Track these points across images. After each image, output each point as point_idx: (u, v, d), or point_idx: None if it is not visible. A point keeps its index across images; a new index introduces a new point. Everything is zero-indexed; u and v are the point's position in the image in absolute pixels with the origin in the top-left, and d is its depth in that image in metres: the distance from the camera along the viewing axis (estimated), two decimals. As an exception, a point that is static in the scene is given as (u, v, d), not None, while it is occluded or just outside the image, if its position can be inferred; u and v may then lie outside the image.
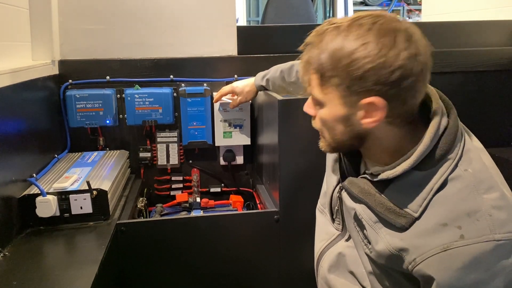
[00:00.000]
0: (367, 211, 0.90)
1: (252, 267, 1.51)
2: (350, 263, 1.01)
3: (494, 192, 0.80)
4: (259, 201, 1.72)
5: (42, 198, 1.28)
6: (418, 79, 0.78)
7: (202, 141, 1.84)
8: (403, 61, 0.76)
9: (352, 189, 0.93)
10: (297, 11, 3.61)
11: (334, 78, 0.81)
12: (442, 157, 0.82)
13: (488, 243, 0.76)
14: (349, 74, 0.78)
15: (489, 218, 0.77)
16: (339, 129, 0.87)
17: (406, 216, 0.82)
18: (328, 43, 0.81)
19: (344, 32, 0.79)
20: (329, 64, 0.80)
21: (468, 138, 0.87)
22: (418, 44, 0.78)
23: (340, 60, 0.79)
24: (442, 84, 0.99)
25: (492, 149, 1.97)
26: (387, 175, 0.84)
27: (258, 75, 1.62)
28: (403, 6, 8.09)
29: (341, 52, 0.79)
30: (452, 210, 0.79)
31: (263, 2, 6.33)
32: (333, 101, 0.84)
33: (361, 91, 0.79)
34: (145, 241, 1.41)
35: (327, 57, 0.80)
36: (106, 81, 1.77)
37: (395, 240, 0.84)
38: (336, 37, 0.80)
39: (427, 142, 0.81)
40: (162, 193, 1.92)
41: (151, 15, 1.79)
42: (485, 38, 2.16)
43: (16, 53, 1.52)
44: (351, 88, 0.80)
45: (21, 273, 1.07)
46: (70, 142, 1.77)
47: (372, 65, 0.76)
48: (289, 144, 1.40)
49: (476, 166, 0.82)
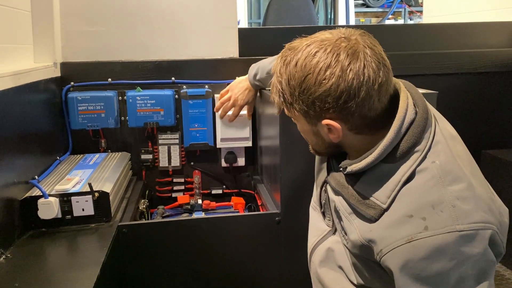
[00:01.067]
0: (343, 203, 0.94)
1: (254, 269, 1.52)
2: (338, 258, 1.03)
3: (460, 183, 0.81)
4: (261, 203, 1.72)
5: (44, 200, 1.29)
6: (369, 95, 0.80)
7: (204, 143, 1.84)
8: (345, 87, 0.79)
9: (331, 182, 0.98)
10: (298, 13, 3.61)
11: (294, 104, 0.87)
12: (410, 150, 0.84)
13: (451, 234, 0.77)
14: (302, 102, 0.84)
15: (452, 209, 0.79)
16: (313, 140, 0.97)
17: (375, 208, 0.85)
18: (284, 70, 0.86)
19: (294, 61, 0.84)
20: (288, 91, 0.86)
21: (438, 128, 0.88)
22: (365, 61, 0.80)
23: (295, 88, 0.84)
24: (444, 86, 1.00)
25: (494, 150, 1.97)
26: (352, 168, 0.89)
27: (250, 74, 1.60)
28: (404, 8, 8.09)
29: (292, 81, 0.84)
30: (417, 201, 0.81)
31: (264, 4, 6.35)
32: (300, 120, 0.92)
33: (316, 115, 0.85)
34: (147, 243, 1.42)
35: (285, 85, 0.87)
36: (108, 83, 1.78)
37: (366, 231, 0.87)
38: (289, 65, 0.85)
39: (391, 136, 0.83)
40: (164, 195, 1.92)
41: (152, 17, 1.80)
42: (486, 40, 2.16)
43: (18, 56, 1.52)
44: (308, 113, 0.86)
45: (23, 275, 1.07)
46: (72, 144, 1.78)
47: (317, 94, 0.81)
48: (290, 146, 1.40)
49: (444, 158, 0.84)
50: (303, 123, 0.92)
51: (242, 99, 1.66)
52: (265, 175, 1.75)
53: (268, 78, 1.53)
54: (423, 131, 0.85)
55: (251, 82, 1.61)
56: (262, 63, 1.56)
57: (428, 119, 0.87)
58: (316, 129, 0.91)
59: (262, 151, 1.78)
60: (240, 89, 1.66)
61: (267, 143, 1.65)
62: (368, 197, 0.87)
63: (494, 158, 1.86)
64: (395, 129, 0.83)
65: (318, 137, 0.93)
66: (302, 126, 0.95)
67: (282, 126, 1.39)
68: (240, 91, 1.66)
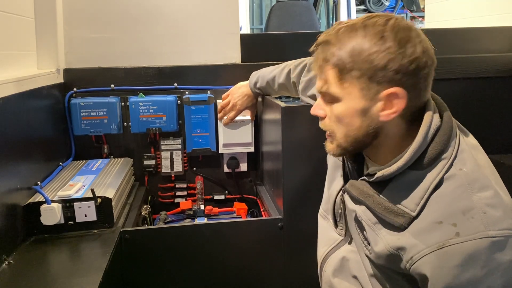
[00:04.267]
0: (367, 213, 0.92)
1: (256, 275, 1.51)
2: (353, 268, 1.02)
3: (488, 191, 0.81)
4: (263, 208, 1.72)
5: (47, 206, 1.29)
6: (430, 72, 0.84)
7: (206, 149, 1.84)
8: (419, 54, 0.81)
9: (352, 191, 0.95)
10: (300, 19, 3.62)
11: (355, 71, 0.83)
12: (437, 157, 0.84)
13: (483, 239, 0.76)
14: (370, 65, 0.82)
15: (483, 215, 0.78)
16: (356, 124, 0.88)
17: (404, 216, 0.84)
18: (346, 41, 0.84)
19: (360, 30, 0.83)
20: (349, 58, 0.83)
21: (462, 138, 0.88)
22: (426, 41, 0.84)
23: (360, 54, 0.82)
24: (445, 91, 1.00)
25: (495, 155, 1.97)
26: (383, 173, 0.87)
27: (251, 81, 1.64)
28: (406, 13, 8.11)
29: (360, 47, 0.82)
30: (447, 208, 0.80)
31: (266, 10, 6.37)
32: (352, 95, 0.86)
33: (383, 81, 0.82)
34: (149, 249, 1.41)
35: (346, 52, 0.83)
36: (111, 89, 1.78)
37: (394, 240, 0.85)
38: (353, 35, 0.83)
39: (419, 139, 0.84)
40: (166, 200, 1.92)
41: (155, 23, 1.81)
42: (488, 45, 2.16)
43: (21, 62, 1.53)
44: (373, 79, 0.82)
45: (26, 281, 1.07)
46: (74, 150, 1.78)
47: (392, 55, 0.80)
48: (292, 151, 1.40)
49: (470, 166, 0.84)
50: (354, 98, 0.85)
51: (240, 104, 1.70)
52: (267, 181, 1.75)
53: (268, 87, 1.57)
54: (449, 138, 0.85)
55: (251, 89, 1.65)
56: (262, 72, 1.59)
57: (453, 127, 0.87)
58: (368, 105, 0.85)
59: (264, 156, 1.78)
60: (239, 94, 1.69)
61: (270, 148, 1.65)
62: (396, 205, 0.85)
63: (497, 163, 1.84)
64: (423, 133, 0.84)
65: (365, 117, 0.86)
66: (348, 105, 0.87)
67: (285, 131, 1.39)
68: (239, 96, 1.69)
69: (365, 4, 7.73)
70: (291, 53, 1.72)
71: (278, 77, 1.51)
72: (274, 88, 1.55)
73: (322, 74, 0.89)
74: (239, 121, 1.77)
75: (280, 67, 1.52)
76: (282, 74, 1.49)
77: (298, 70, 1.44)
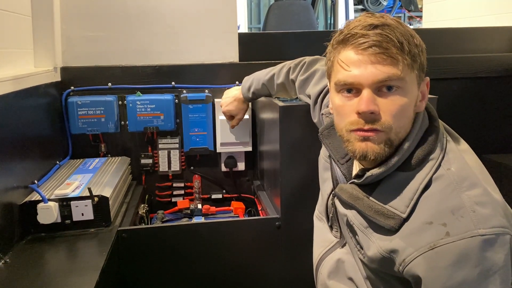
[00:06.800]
0: (358, 217, 0.92)
1: (253, 274, 1.51)
2: (349, 270, 1.02)
3: (477, 189, 0.81)
4: (261, 208, 1.72)
5: (44, 204, 1.28)
6: None
7: (204, 147, 1.84)
8: None
9: (342, 195, 0.94)
10: (298, 18, 3.62)
11: (418, 59, 0.84)
12: (425, 158, 0.84)
13: (473, 238, 0.76)
14: (422, 53, 0.85)
15: (472, 214, 0.78)
16: (410, 115, 0.85)
17: (394, 218, 0.84)
18: (401, 27, 0.84)
19: (390, 20, 0.84)
20: (414, 46, 0.83)
21: (451, 140, 0.89)
22: None
23: (417, 42, 0.84)
24: (443, 91, 1.00)
25: (493, 155, 1.97)
26: (372, 172, 0.87)
27: (244, 87, 1.62)
28: (404, 13, 8.12)
29: (411, 34, 0.84)
30: (436, 208, 0.81)
31: (264, 9, 6.37)
32: (413, 84, 0.85)
33: (424, 72, 0.87)
34: (147, 248, 1.41)
35: (411, 39, 0.84)
36: (108, 87, 1.78)
37: (386, 243, 0.85)
38: (399, 24, 0.84)
39: (409, 139, 0.85)
40: (164, 199, 1.91)
41: (153, 22, 1.80)
42: (485, 45, 2.17)
43: (18, 60, 1.53)
44: (423, 69, 0.86)
45: (22, 280, 1.07)
46: (71, 148, 1.78)
47: (423, 46, 0.85)
48: (290, 151, 1.40)
49: (458, 165, 0.84)
50: (413, 87, 0.84)
51: (233, 110, 1.69)
52: (265, 180, 1.75)
53: (264, 89, 1.55)
54: (436, 139, 0.86)
55: (243, 94, 1.63)
56: (255, 75, 1.58)
57: (440, 128, 0.88)
58: (417, 95, 0.86)
59: (262, 155, 1.78)
60: (229, 100, 1.69)
61: (267, 148, 1.65)
62: (386, 207, 0.85)
63: (494, 163, 1.85)
64: (413, 134, 0.85)
65: (413, 108, 0.85)
66: (411, 94, 0.84)
67: (282, 130, 1.39)
68: (229, 102, 1.69)
69: (363, 4, 7.73)
70: (289, 52, 1.72)
71: (277, 77, 1.50)
72: (272, 89, 1.54)
73: (387, 60, 0.80)
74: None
75: (277, 68, 1.51)
76: (281, 74, 1.49)
77: (298, 69, 1.44)
